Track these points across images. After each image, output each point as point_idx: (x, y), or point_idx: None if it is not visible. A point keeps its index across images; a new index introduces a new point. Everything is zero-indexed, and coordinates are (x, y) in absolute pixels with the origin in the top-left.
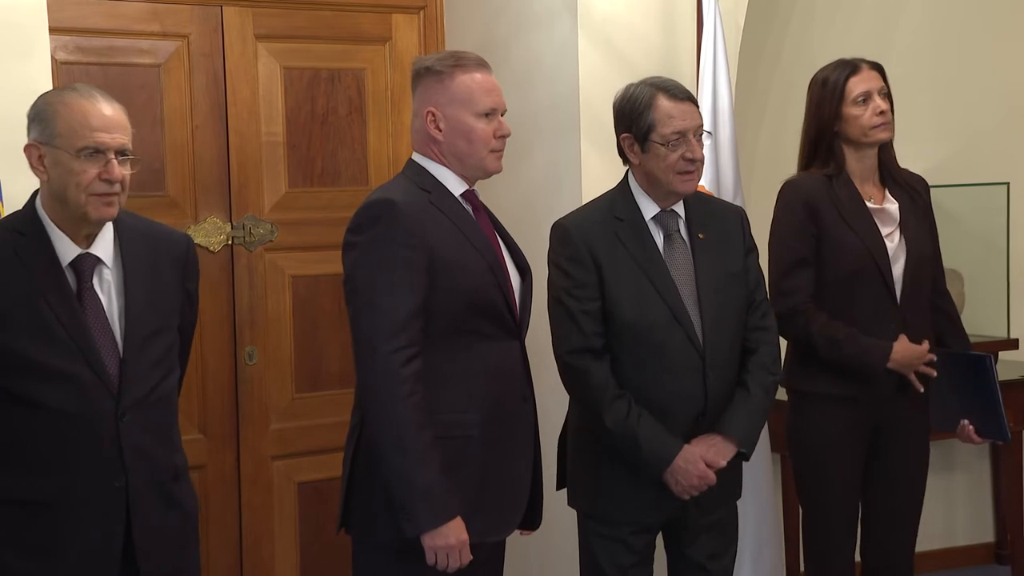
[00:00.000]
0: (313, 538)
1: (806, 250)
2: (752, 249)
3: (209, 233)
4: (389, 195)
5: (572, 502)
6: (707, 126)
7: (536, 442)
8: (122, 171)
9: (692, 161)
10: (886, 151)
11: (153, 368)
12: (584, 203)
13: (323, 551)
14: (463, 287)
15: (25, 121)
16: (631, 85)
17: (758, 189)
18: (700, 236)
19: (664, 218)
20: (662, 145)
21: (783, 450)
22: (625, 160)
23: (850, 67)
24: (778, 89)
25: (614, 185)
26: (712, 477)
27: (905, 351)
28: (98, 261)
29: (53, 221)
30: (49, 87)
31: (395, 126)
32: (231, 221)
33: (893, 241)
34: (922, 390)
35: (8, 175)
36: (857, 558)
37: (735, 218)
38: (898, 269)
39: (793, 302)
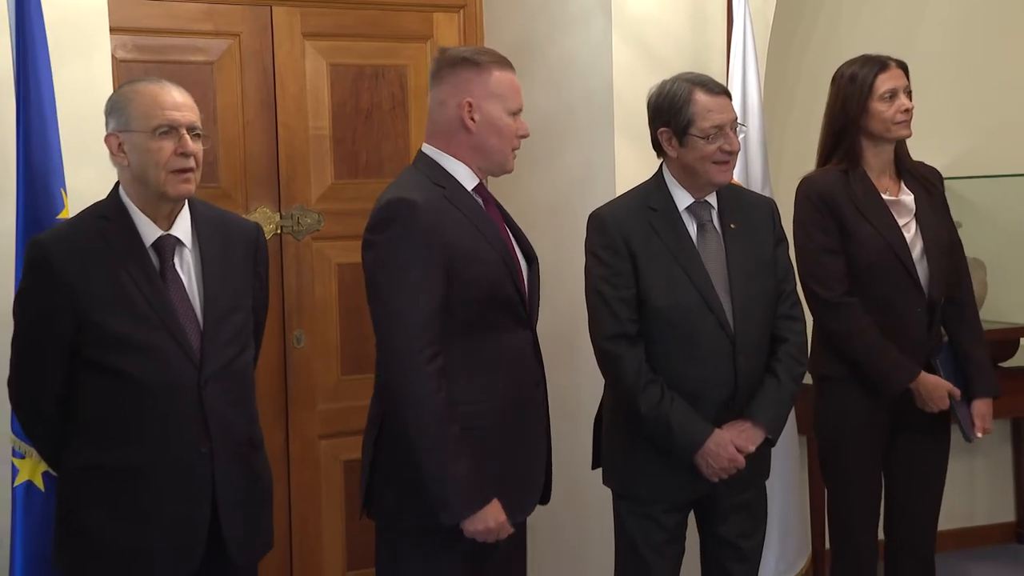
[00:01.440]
0: (358, 513)
1: (832, 241)
2: (782, 239)
3: (260, 222)
4: (406, 194)
5: (607, 482)
6: (739, 120)
7: (548, 427)
8: (195, 146)
9: (729, 153)
10: (901, 145)
11: (230, 342)
12: (618, 195)
13: (368, 525)
14: (479, 281)
15: (88, 117)
16: (666, 81)
17: (785, 182)
18: (732, 226)
19: (697, 208)
20: (701, 138)
21: (809, 432)
22: (659, 153)
23: (879, 64)
24: (806, 84)
25: (646, 178)
26: (741, 461)
27: (929, 386)
28: (178, 242)
29: (136, 205)
30: (109, 85)
31: None
32: (280, 211)
33: (910, 231)
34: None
35: (73, 168)
36: (882, 535)
37: (766, 209)
38: (917, 257)
39: (835, 292)
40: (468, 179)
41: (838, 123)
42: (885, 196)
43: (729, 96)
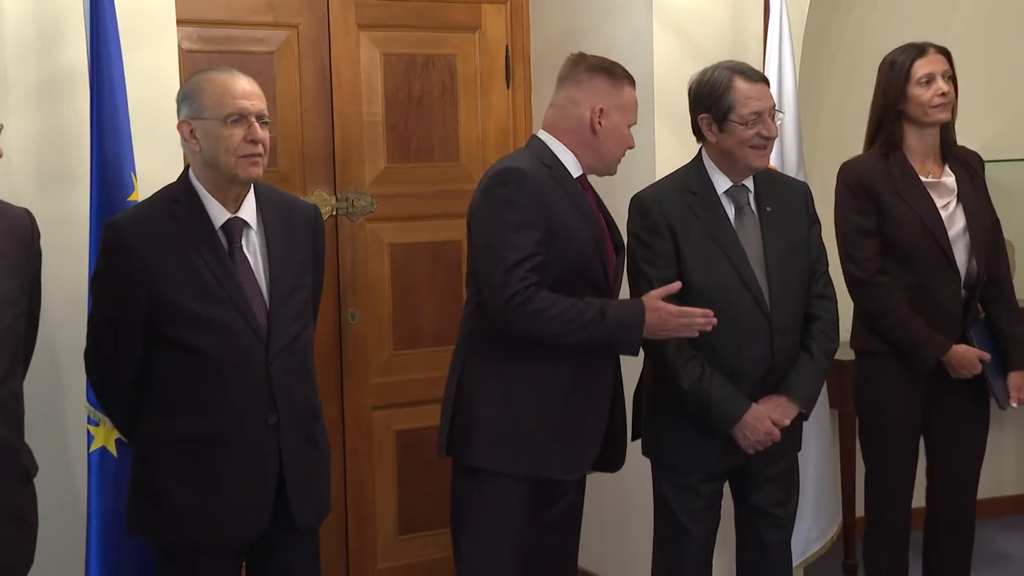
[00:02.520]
0: (409, 480)
1: (868, 222)
2: (815, 222)
3: (317, 204)
4: (518, 164)
5: (646, 452)
6: (777, 107)
7: (616, 397)
8: (263, 133)
9: (767, 138)
10: (947, 130)
11: (294, 320)
12: (658, 178)
13: (419, 492)
14: (571, 253)
15: (157, 104)
16: (707, 69)
17: (820, 166)
18: (768, 209)
19: (735, 192)
20: (740, 124)
21: (840, 406)
22: (699, 138)
23: (917, 50)
24: (840, 72)
25: (685, 162)
26: (777, 434)
27: (960, 355)
28: (245, 224)
29: (205, 189)
30: (176, 74)
31: (483, 107)
32: (335, 194)
33: (948, 211)
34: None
35: (142, 153)
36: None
37: (800, 193)
38: (954, 237)
39: (868, 272)
40: (574, 167)
41: (880, 108)
42: (926, 179)
43: (767, 84)
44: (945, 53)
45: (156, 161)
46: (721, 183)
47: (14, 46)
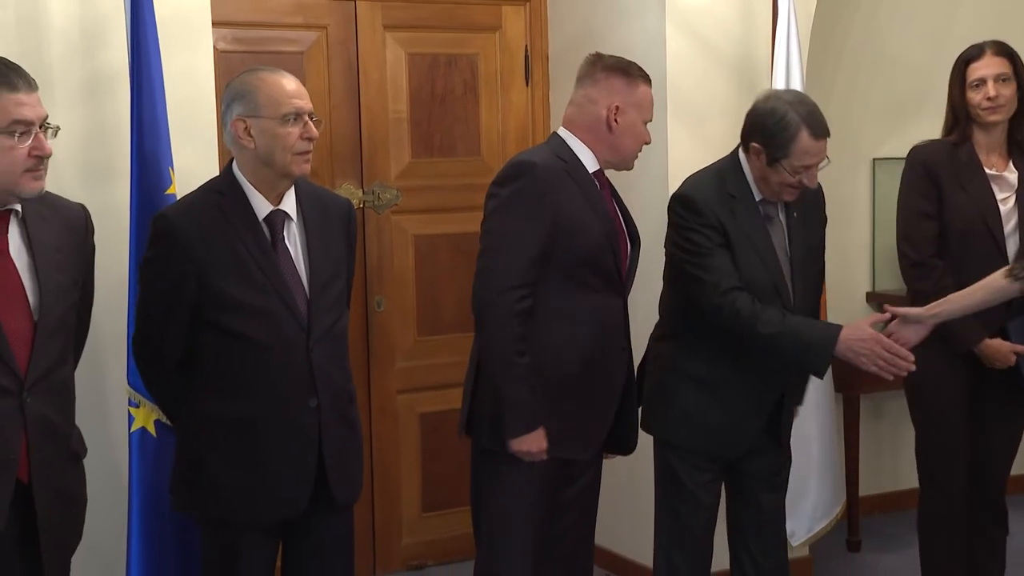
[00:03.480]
0: (433, 460)
1: (928, 205)
2: (825, 222)
3: (349, 199)
4: (530, 158)
5: (650, 428)
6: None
7: (628, 386)
8: (316, 131)
9: (804, 186)
10: (1017, 126)
11: (332, 307)
12: (671, 175)
13: (441, 471)
14: (581, 244)
15: (193, 102)
16: (775, 100)
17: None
18: (794, 215)
19: (767, 202)
20: (789, 172)
21: (845, 391)
22: (744, 148)
23: (974, 52)
24: (846, 70)
25: (696, 158)
26: (887, 342)
27: (992, 349)
28: (287, 216)
29: (250, 183)
30: (211, 74)
31: (504, 104)
32: (362, 187)
33: (1007, 205)
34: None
35: (179, 148)
36: None
37: (819, 194)
38: (1009, 230)
39: (923, 254)
40: (591, 163)
41: (951, 104)
42: (990, 171)
43: (827, 138)
44: (1006, 53)
45: (192, 156)
46: (757, 193)
47: (59, 48)
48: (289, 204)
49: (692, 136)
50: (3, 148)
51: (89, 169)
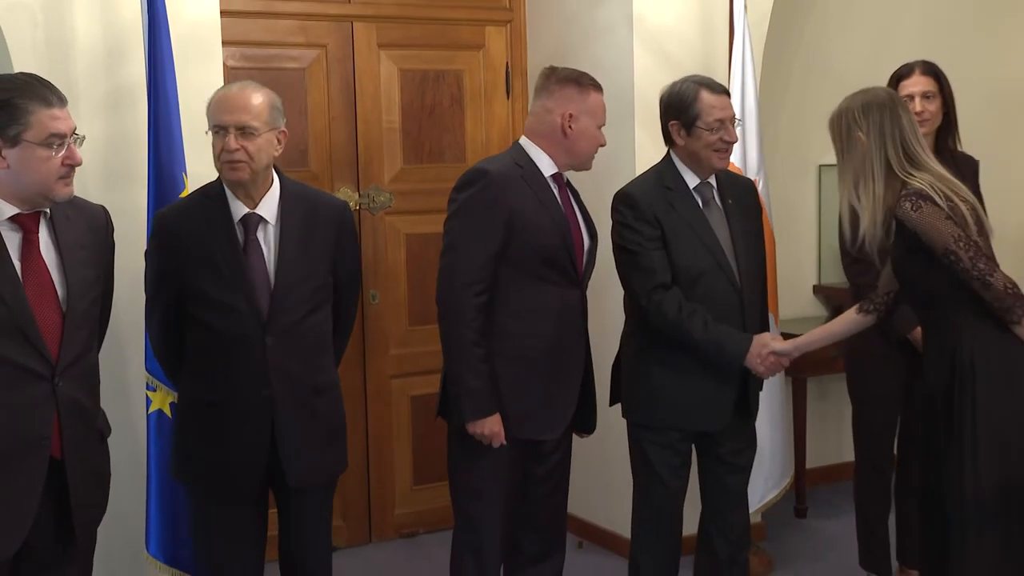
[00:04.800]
0: (423, 440)
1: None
2: (760, 210)
3: (346, 201)
4: (485, 165)
5: (627, 414)
6: (737, 116)
7: (586, 369)
8: (235, 143)
9: (728, 143)
10: (943, 137)
11: (301, 304)
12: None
13: (431, 450)
14: (535, 243)
15: (205, 114)
16: (676, 82)
17: (780, 168)
18: (729, 202)
19: (702, 188)
20: (706, 130)
21: (794, 374)
22: (668, 142)
23: (903, 71)
24: (796, 85)
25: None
26: (782, 361)
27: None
28: (261, 219)
29: (228, 187)
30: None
31: (487, 115)
32: (359, 191)
33: None
34: None
35: (192, 155)
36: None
37: (752, 189)
38: None
39: (862, 251)
40: (548, 167)
41: None
42: None
43: (729, 95)
44: (933, 73)
45: (204, 163)
46: (691, 180)
47: (84, 64)
48: (267, 208)
49: (657, 143)
50: (41, 158)
51: (111, 174)
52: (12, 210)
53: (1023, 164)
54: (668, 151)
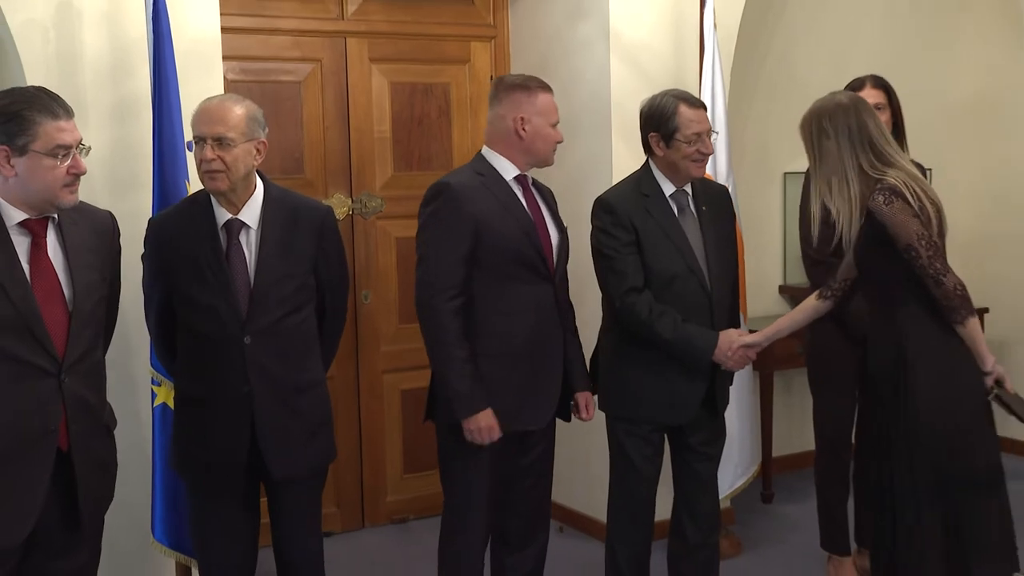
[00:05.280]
0: (413, 431)
1: (825, 213)
2: (734, 216)
3: (335, 206)
4: (448, 179)
5: (604, 407)
6: (713, 128)
7: (567, 360)
8: (211, 153)
9: (704, 154)
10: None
11: (280, 304)
12: (614, 183)
13: (421, 441)
14: (503, 245)
15: None
16: (656, 96)
17: (747, 175)
18: (703, 208)
19: (678, 195)
20: (684, 142)
21: (761, 369)
22: (647, 152)
23: (855, 84)
24: (762, 98)
25: (635, 168)
26: (749, 354)
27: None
28: (243, 224)
29: (211, 194)
30: None
31: (472, 126)
32: (351, 196)
33: None
34: None
35: (194, 164)
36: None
37: (726, 195)
38: None
39: (822, 254)
40: (510, 171)
41: None
42: None
43: (705, 109)
44: (882, 86)
45: None
46: (667, 188)
47: (92, 77)
48: (249, 214)
49: (633, 152)
50: (47, 168)
51: (117, 181)
52: (21, 215)
53: (969, 172)
54: (647, 160)
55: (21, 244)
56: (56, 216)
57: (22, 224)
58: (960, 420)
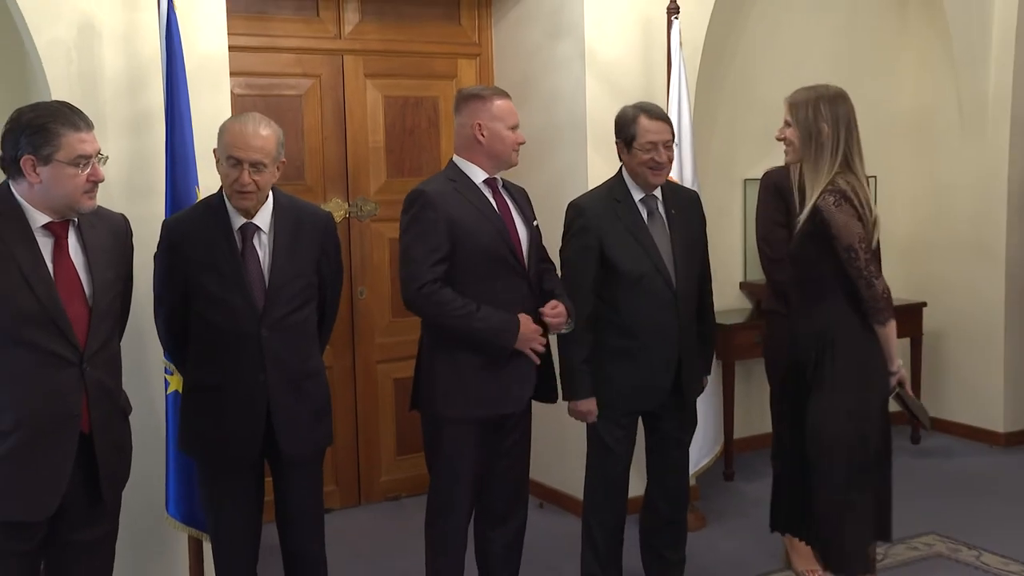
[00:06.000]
0: (404, 416)
1: (780, 216)
2: (704, 221)
3: (333, 209)
4: (422, 187)
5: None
6: (674, 139)
7: (546, 349)
8: (247, 178)
9: (658, 163)
10: None
11: (289, 301)
12: (589, 189)
13: (411, 424)
14: (477, 245)
15: (215, 135)
16: (626, 107)
17: (712, 181)
18: (673, 212)
19: (648, 200)
20: (640, 150)
21: (724, 358)
22: (619, 157)
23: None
24: (724, 110)
25: (608, 176)
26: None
27: None
28: (257, 228)
29: (229, 201)
30: (229, 112)
31: None
32: (348, 201)
33: None
34: None
35: (204, 171)
36: None
37: (695, 200)
38: None
39: (778, 252)
40: (479, 175)
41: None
42: None
43: (668, 122)
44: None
45: (214, 177)
46: (636, 193)
47: (110, 92)
48: (262, 219)
49: (606, 161)
50: (69, 176)
51: (133, 188)
52: (44, 219)
53: (909, 180)
54: (620, 167)
55: (45, 245)
56: (76, 219)
57: (46, 226)
58: (864, 406)
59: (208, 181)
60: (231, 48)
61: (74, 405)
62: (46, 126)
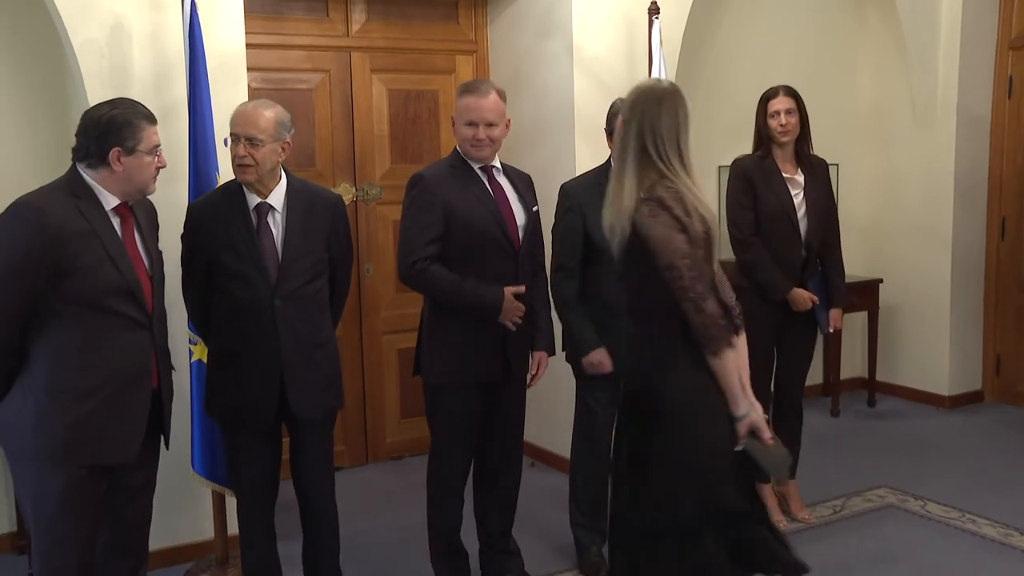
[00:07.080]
0: (407, 383)
1: (747, 200)
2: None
3: (342, 193)
4: (422, 172)
5: (570, 359)
6: None
7: (527, 324)
8: (243, 151)
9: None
10: (799, 144)
11: (301, 274)
12: (577, 174)
13: (414, 390)
14: (470, 227)
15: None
16: (617, 100)
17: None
18: None
19: None
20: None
21: None
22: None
23: (770, 93)
24: (700, 102)
25: (595, 164)
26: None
27: (796, 296)
28: (271, 207)
29: (242, 183)
30: None
31: None
32: (355, 186)
33: (799, 198)
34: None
35: (224, 158)
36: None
37: None
38: (801, 216)
39: (745, 234)
40: (475, 162)
41: (757, 129)
42: (786, 176)
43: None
44: (792, 94)
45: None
46: None
47: (139, 87)
48: (276, 198)
49: (593, 151)
50: (147, 164)
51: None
52: (115, 201)
53: (867, 168)
54: (609, 156)
55: (116, 224)
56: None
57: (115, 209)
58: (702, 469)
59: (227, 167)
60: (248, 46)
61: (148, 362)
62: (131, 121)
